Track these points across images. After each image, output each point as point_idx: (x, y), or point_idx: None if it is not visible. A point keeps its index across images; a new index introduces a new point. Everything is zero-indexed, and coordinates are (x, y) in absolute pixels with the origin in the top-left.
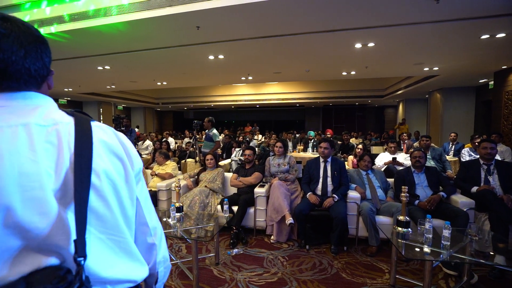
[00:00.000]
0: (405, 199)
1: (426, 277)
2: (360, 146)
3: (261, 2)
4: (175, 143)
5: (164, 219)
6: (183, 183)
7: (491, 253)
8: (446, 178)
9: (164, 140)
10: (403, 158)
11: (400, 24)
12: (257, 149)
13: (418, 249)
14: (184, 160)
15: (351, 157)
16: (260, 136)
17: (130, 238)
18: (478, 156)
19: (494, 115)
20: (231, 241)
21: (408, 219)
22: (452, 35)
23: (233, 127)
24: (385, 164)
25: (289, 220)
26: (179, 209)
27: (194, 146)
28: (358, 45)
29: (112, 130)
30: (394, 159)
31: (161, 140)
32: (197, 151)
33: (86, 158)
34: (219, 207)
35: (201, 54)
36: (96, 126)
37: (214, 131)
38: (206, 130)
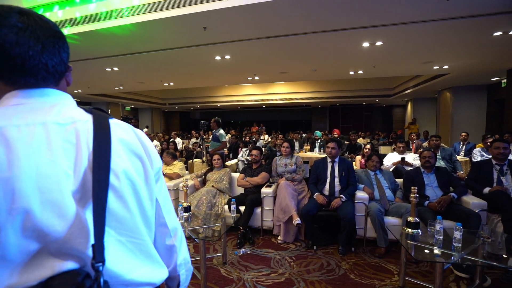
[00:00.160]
0: (415, 199)
1: (437, 280)
2: (368, 146)
3: (268, 2)
4: (182, 143)
5: None
6: (190, 183)
7: (505, 255)
8: (456, 179)
9: (172, 140)
10: (412, 158)
11: (409, 22)
12: (263, 149)
13: (428, 251)
14: (191, 160)
15: (358, 157)
16: (267, 136)
17: (149, 240)
18: (490, 156)
19: (507, 114)
20: (238, 241)
21: (417, 220)
22: (463, 33)
23: (240, 127)
24: (393, 164)
25: (296, 220)
26: (186, 209)
27: (201, 146)
28: (366, 44)
29: (131, 128)
30: (403, 159)
31: (169, 140)
32: (204, 151)
33: (104, 157)
34: (226, 207)
35: (207, 55)
36: (115, 123)
37: (221, 131)
38: (213, 131)
